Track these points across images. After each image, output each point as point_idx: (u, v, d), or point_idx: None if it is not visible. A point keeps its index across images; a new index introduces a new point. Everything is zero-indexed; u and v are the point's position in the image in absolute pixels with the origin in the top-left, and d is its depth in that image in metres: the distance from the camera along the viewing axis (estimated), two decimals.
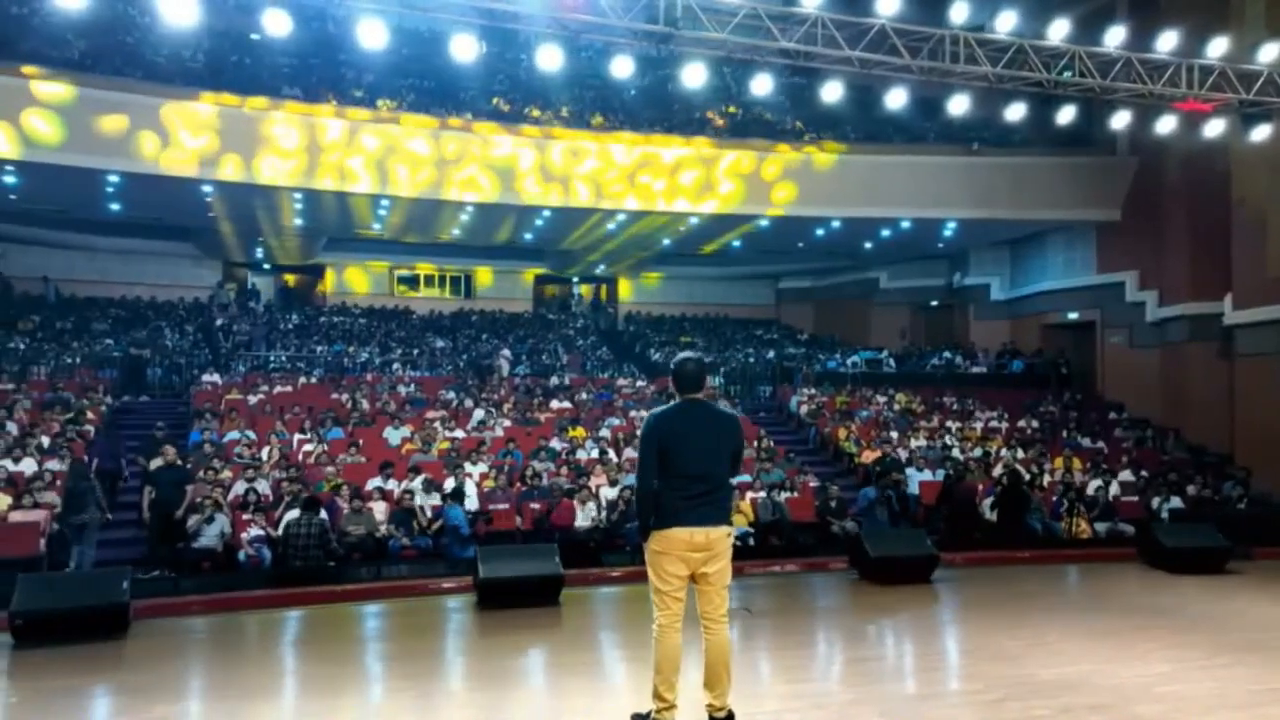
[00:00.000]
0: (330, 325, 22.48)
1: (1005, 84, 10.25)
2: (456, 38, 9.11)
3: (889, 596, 7.97)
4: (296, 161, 16.56)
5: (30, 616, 5.91)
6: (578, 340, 23.79)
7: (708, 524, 4.31)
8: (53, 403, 14.38)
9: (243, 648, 7.00)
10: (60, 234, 20.92)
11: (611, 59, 9.35)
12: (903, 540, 8.81)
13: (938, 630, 6.99)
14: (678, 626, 4.30)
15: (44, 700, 5.08)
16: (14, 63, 15.23)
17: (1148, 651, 5.56)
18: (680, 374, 4.54)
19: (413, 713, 4.89)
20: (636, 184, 18.56)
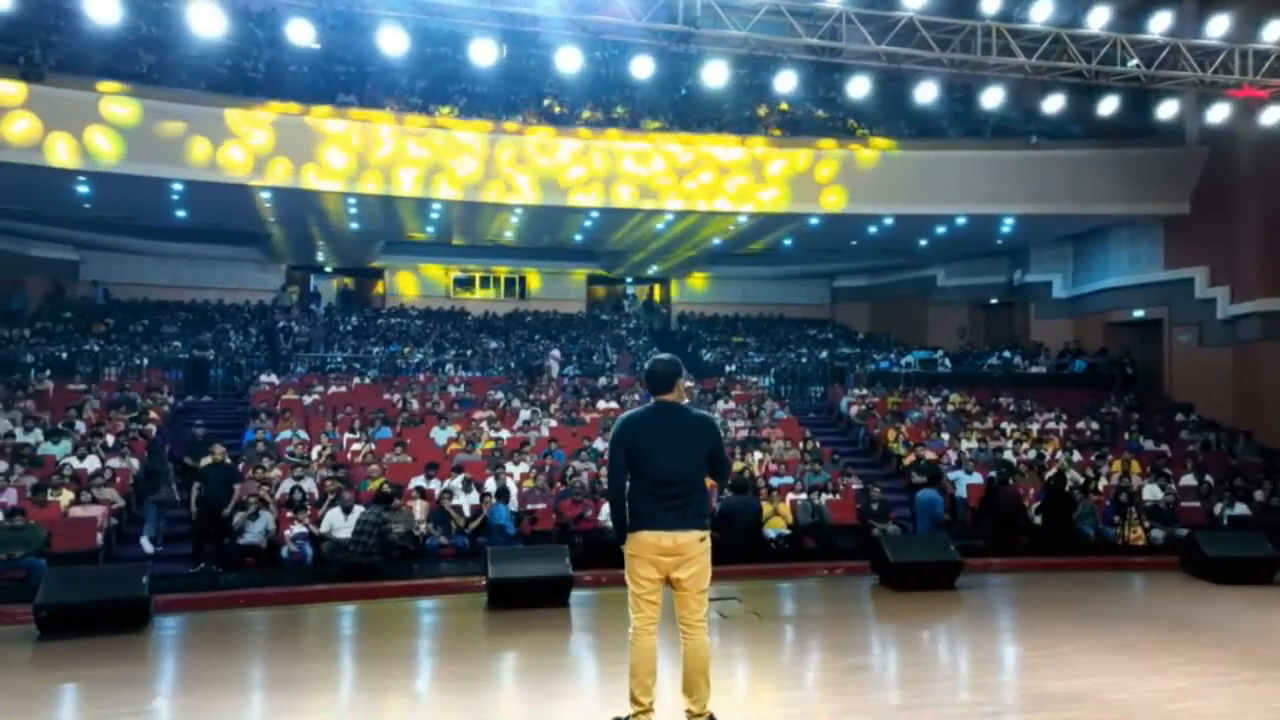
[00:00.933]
0: (387, 327, 22.99)
1: (1043, 75, 9.93)
2: (490, 42, 9.26)
3: (905, 603, 7.80)
4: (350, 167, 16.95)
5: (53, 609, 6.23)
6: (629, 341, 23.86)
7: (676, 529, 4.25)
8: (119, 403, 15.01)
9: (251, 642, 7.21)
10: (133, 240, 21.81)
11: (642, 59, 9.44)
12: (924, 545, 8.60)
13: (949, 638, 6.81)
14: (652, 630, 4.27)
15: (42, 690, 5.31)
16: (86, 78, 15.93)
17: (1169, 665, 5.33)
18: (650, 375, 4.49)
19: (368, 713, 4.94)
20: (686, 184, 18.52)
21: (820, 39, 8.93)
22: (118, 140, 15.62)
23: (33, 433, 13.21)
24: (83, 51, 17.09)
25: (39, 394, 15.16)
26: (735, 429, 16.27)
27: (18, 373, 16.24)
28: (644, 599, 4.28)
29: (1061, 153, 18.84)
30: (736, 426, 16.40)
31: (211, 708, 4.82)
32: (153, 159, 15.94)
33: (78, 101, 15.48)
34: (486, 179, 17.60)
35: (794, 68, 9.46)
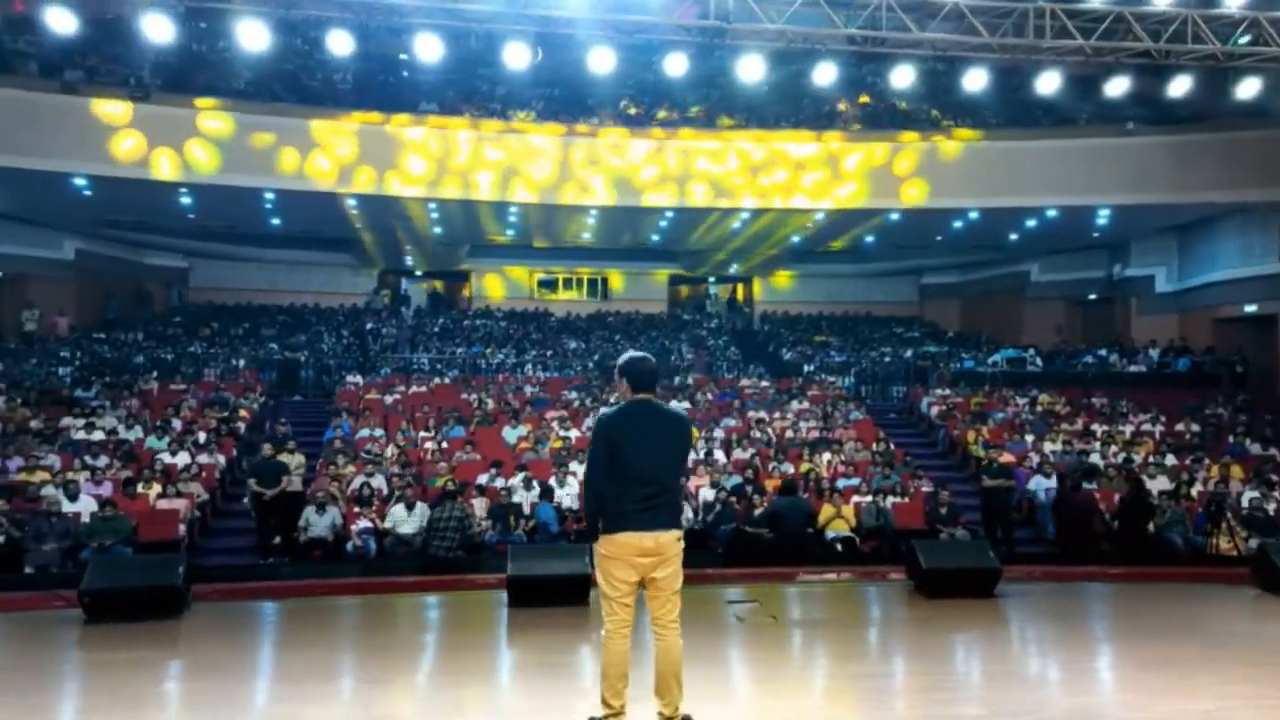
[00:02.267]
0: (472, 328, 23.55)
1: (1105, 56, 9.38)
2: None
3: (934, 611, 7.50)
4: (429, 173, 17.47)
5: (96, 594, 6.67)
6: (710, 340, 23.78)
7: (658, 528, 4.20)
8: (213, 402, 15.87)
9: (277, 631, 7.46)
10: (235, 248, 23.05)
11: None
12: (961, 551, 8.26)
13: (968, 648, 6.51)
14: (625, 633, 4.22)
15: (68, 669, 5.63)
16: (187, 95, 16.92)
17: (1204, 685, 4.95)
18: (631, 373, 4.43)
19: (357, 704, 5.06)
20: (760, 181, 18.36)
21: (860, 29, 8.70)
22: (214, 153, 16.52)
23: (134, 430, 14.11)
24: (186, 70, 18.23)
25: (144, 393, 16.17)
26: (806, 429, 16.02)
27: (127, 373, 17.35)
28: (619, 602, 4.22)
29: (1163, 138, 17.82)
30: (808, 427, 16.13)
31: (214, 691, 5.03)
32: (246, 170, 16.81)
33: (178, 118, 16.45)
34: (562, 181, 17.86)
35: (840, 59, 9.24)
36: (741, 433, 15.44)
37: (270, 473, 11.42)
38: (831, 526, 11.69)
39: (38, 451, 12.67)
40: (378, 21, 8.48)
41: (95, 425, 14.06)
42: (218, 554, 11.56)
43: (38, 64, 17.06)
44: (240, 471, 12.85)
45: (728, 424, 16.05)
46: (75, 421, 14.17)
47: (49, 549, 9.89)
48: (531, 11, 7.89)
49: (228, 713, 4.61)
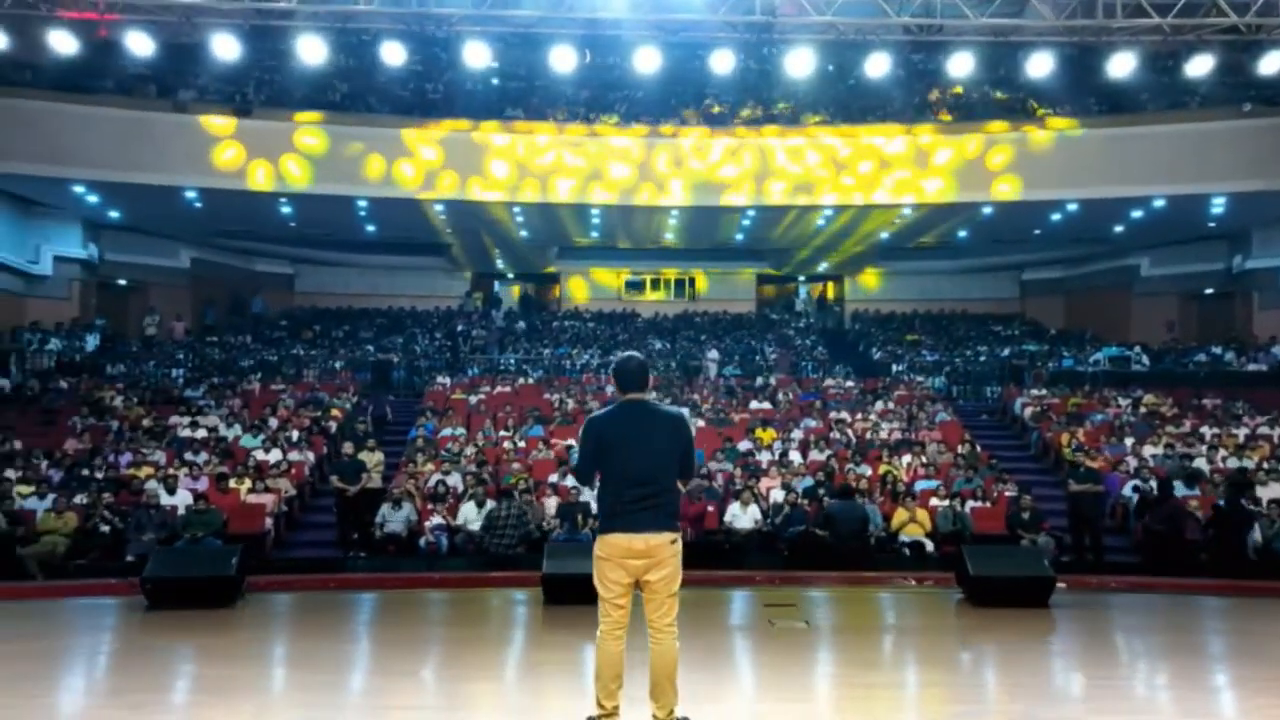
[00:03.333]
0: (561, 330, 23.91)
1: (1186, 34, 8.77)
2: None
3: (977, 619, 7.15)
4: (511, 177, 17.83)
5: (156, 582, 7.08)
6: (797, 340, 23.44)
7: (648, 530, 4.15)
8: (308, 402, 16.61)
9: (318, 622, 7.71)
10: (336, 254, 24.08)
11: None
12: (1012, 558, 7.83)
13: (1000, 661, 6.18)
14: (618, 634, 4.19)
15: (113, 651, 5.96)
16: (286, 109, 17.78)
17: (1255, 709, 4.56)
18: (621, 372, 4.41)
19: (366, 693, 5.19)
20: (843, 178, 18.01)
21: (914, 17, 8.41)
22: (310, 163, 17.29)
23: (233, 428, 14.91)
24: (287, 86, 19.15)
25: (245, 393, 17.06)
26: (889, 430, 15.61)
27: (232, 375, 18.35)
28: (612, 603, 4.21)
29: None
30: (891, 428, 15.72)
31: (232, 678, 5.27)
32: (339, 179, 17.53)
33: (277, 131, 17.28)
34: (640, 182, 17.93)
35: (885, 49, 8.94)
36: (820, 434, 15.18)
37: (350, 470, 11.88)
38: (905, 530, 11.37)
39: (146, 448, 13.53)
40: (431, 29, 8.71)
41: (199, 424, 14.93)
42: (303, 547, 12.12)
43: (156, 85, 18.26)
44: (328, 468, 13.44)
45: (808, 425, 15.80)
46: (181, 420, 15.07)
47: (148, 539, 10.54)
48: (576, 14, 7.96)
49: (238, 697, 4.84)
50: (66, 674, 5.45)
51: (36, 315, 19.06)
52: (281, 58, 18.17)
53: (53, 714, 4.51)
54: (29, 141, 16.34)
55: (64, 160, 16.70)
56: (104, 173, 17.05)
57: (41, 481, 11.94)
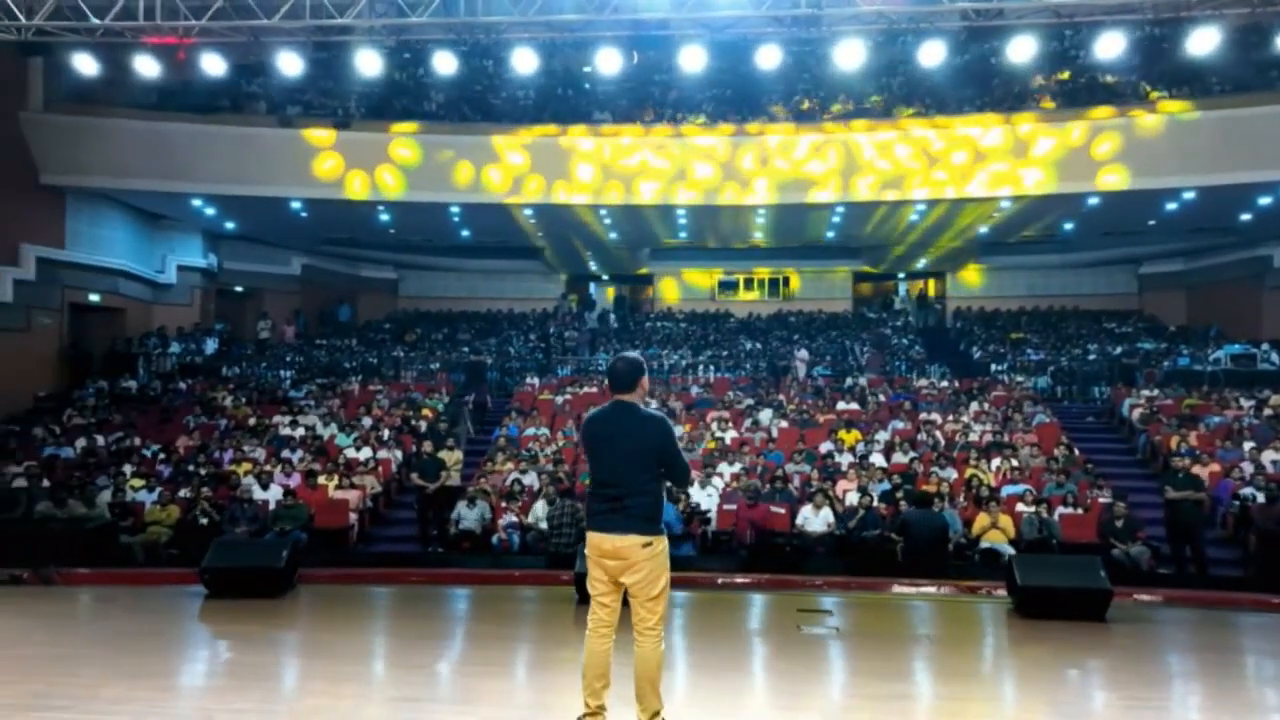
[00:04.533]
0: (653, 331, 24.01)
1: (1276, 6, 8.02)
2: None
3: (1023, 631, 6.72)
4: (596, 180, 18.01)
5: (214, 572, 7.46)
6: (893, 339, 22.81)
7: (615, 532, 4.16)
8: (401, 402, 17.23)
9: (354, 614, 7.89)
10: (436, 259, 24.88)
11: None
12: (1065, 569, 7.31)
13: (1024, 675, 5.81)
14: (603, 633, 4.21)
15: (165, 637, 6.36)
16: (383, 121, 18.50)
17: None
18: (611, 374, 4.44)
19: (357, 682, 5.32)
20: (935, 171, 17.41)
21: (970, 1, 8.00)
22: (401, 173, 17.92)
23: (329, 427, 15.60)
24: (386, 98, 19.93)
25: (345, 394, 17.83)
26: (981, 432, 15.00)
27: (334, 375, 19.22)
28: (597, 601, 4.26)
29: None
30: (983, 430, 15.10)
31: (254, 664, 5.50)
32: (430, 186, 18.09)
33: (374, 142, 17.97)
34: (724, 181, 17.81)
35: (939, 37, 8.53)
36: (908, 436, 14.72)
37: (430, 468, 12.26)
38: (986, 537, 10.90)
39: (247, 445, 14.32)
40: (480, 37, 8.89)
41: (298, 422, 15.69)
42: (385, 541, 12.58)
43: (265, 103, 19.33)
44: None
45: (895, 426, 15.34)
46: (283, 419, 15.87)
47: (240, 531, 11.16)
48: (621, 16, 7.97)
49: (252, 681, 5.07)
50: (105, 654, 5.86)
51: (162, 321, 20.47)
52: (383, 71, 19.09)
53: (66, 690, 4.87)
54: (153, 160, 17.54)
55: (183, 176, 17.86)
56: (218, 186, 18.14)
57: (152, 476, 12.81)
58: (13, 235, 17.14)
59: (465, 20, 7.94)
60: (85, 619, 7.10)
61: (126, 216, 19.56)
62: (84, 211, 18.51)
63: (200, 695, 4.81)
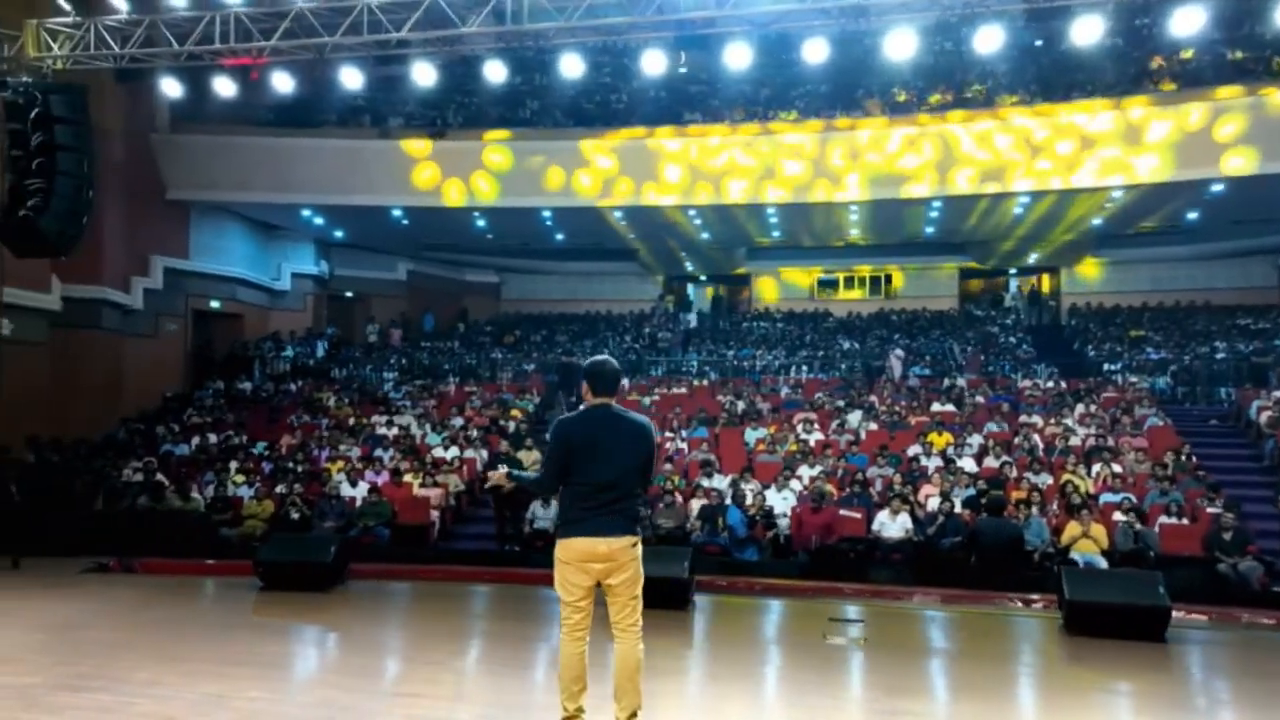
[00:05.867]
0: (749, 331, 23.76)
1: None
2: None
3: (1068, 650, 6.26)
4: (684, 180, 17.98)
5: (268, 565, 7.80)
6: (1001, 338, 21.83)
7: (610, 534, 4.15)
8: (492, 402, 17.65)
9: (392, 610, 8.09)
10: (535, 262, 25.41)
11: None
12: (1119, 583, 6.68)
13: (1048, 696, 5.38)
14: (579, 636, 4.21)
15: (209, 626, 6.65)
16: (478, 129, 19.03)
17: None
18: (594, 376, 4.38)
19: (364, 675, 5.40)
20: (1038, 162, 16.57)
21: None
22: (494, 179, 18.37)
23: (423, 427, 16.14)
24: (481, 107, 20.51)
25: (441, 394, 18.41)
26: (1084, 436, 14.17)
27: (431, 377, 19.87)
28: (573, 606, 4.23)
29: None
30: (1087, 433, 14.26)
31: (273, 653, 5.73)
32: (522, 191, 18.47)
33: (467, 150, 18.50)
34: (815, 178, 17.47)
35: (998, 21, 8.04)
36: (1003, 439, 14.06)
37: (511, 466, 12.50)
38: (1076, 548, 10.27)
39: (343, 443, 14.97)
40: (529, 44, 8.99)
41: (394, 422, 16.30)
42: (466, 539, 12.91)
43: (371, 116, 20.21)
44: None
45: (990, 429, 14.68)
46: (380, 419, 16.52)
47: (328, 526, 11.68)
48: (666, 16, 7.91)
49: (264, 670, 5.23)
50: (152, 640, 6.25)
51: (277, 325, 21.66)
52: (476, 81, 19.66)
53: (107, 672, 5.18)
54: (266, 174, 18.61)
55: (293, 189, 18.86)
56: (324, 197, 19.08)
57: (255, 472, 13.56)
58: (143, 248, 18.46)
59: (513, 29, 8.06)
60: (147, 606, 7.58)
61: (244, 228, 20.79)
62: (206, 224, 19.78)
63: (220, 681, 5.08)
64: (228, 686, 4.88)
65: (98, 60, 9.56)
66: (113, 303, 17.34)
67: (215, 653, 5.76)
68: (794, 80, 20.05)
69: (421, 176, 18.60)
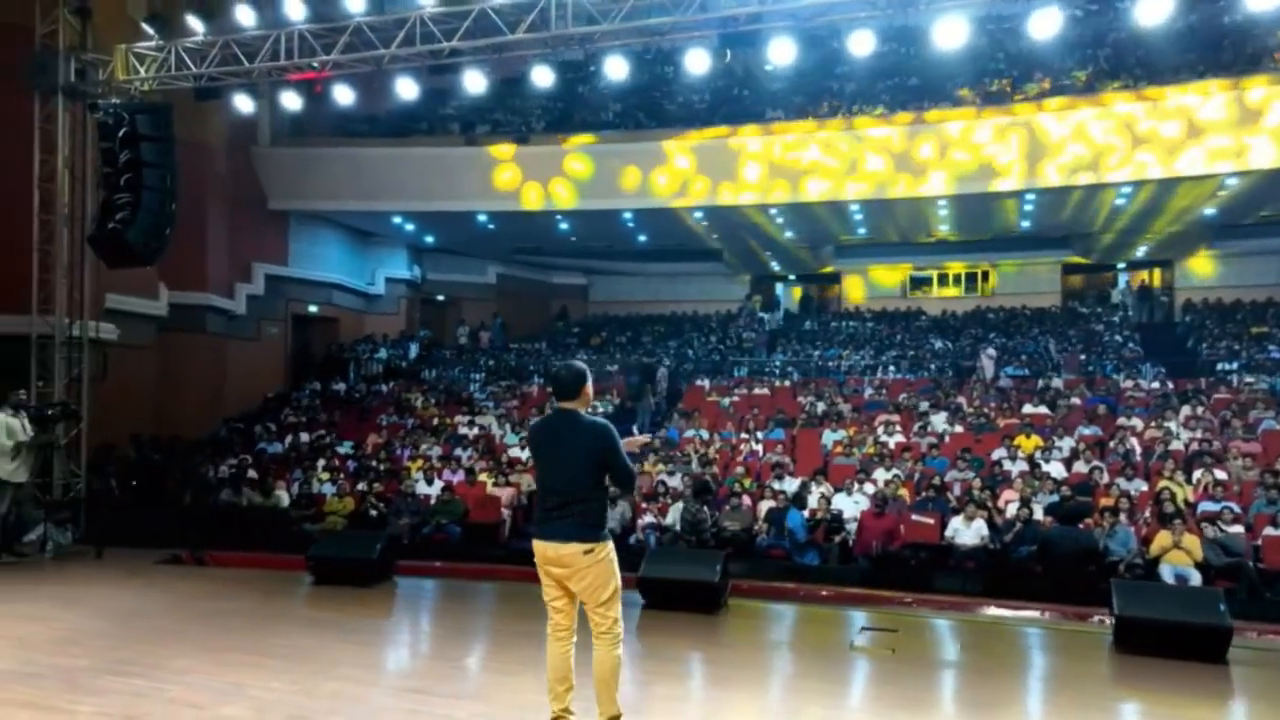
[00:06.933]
0: (837, 330, 23.28)
1: None
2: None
3: (1113, 668, 5.82)
4: (765, 179, 17.74)
5: (317, 561, 8.04)
6: (1105, 336, 20.72)
7: (558, 539, 4.16)
8: None
9: (429, 607, 8.14)
10: (622, 264, 25.55)
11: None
12: (1175, 599, 6.08)
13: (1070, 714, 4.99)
14: (560, 637, 4.27)
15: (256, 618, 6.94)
16: (560, 133, 19.27)
17: None
18: (554, 381, 4.43)
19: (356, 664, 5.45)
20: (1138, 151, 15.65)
21: None
22: (574, 183, 18.55)
23: (503, 427, 16.44)
24: (566, 111, 20.77)
25: (524, 395, 18.71)
26: (1189, 440, 13.30)
27: (516, 378, 20.22)
28: (551, 606, 4.33)
29: None
30: (1191, 438, 13.38)
31: (295, 646, 5.82)
32: (601, 194, 18.58)
33: (548, 154, 18.73)
34: (896, 173, 16.96)
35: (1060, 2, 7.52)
36: (1094, 442, 13.34)
37: None
38: (1167, 559, 9.63)
39: (425, 443, 15.38)
40: (576, 49, 8.97)
41: (475, 422, 16.66)
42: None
43: (458, 123, 20.75)
44: None
45: (1083, 432, 13.94)
46: (463, 419, 16.91)
47: (403, 523, 12.03)
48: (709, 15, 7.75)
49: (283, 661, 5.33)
50: (197, 630, 6.52)
51: (372, 328, 22.46)
52: (561, 87, 19.91)
53: (148, 658, 5.45)
54: (358, 182, 19.31)
55: (383, 196, 19.52)
56: (413, 204, 19.66)
57: (339, 470, 14.07)
58: (246, 255, 19.42)
59: (557, 34, 8.09)
60: (203, 597, 7.93)
61: (340, 235, 21.64)
62: (304, 232, 20.67)
63: (247, 670, 5.28)
64: (252, 676, 5.09)
65: (179, 80, 10.13)
66: (217, 308, 18.28)
67: (252, 643, 6.00)
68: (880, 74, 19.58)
69: (504, 181, 18.94)
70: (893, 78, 19.56)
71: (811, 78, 19.71)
